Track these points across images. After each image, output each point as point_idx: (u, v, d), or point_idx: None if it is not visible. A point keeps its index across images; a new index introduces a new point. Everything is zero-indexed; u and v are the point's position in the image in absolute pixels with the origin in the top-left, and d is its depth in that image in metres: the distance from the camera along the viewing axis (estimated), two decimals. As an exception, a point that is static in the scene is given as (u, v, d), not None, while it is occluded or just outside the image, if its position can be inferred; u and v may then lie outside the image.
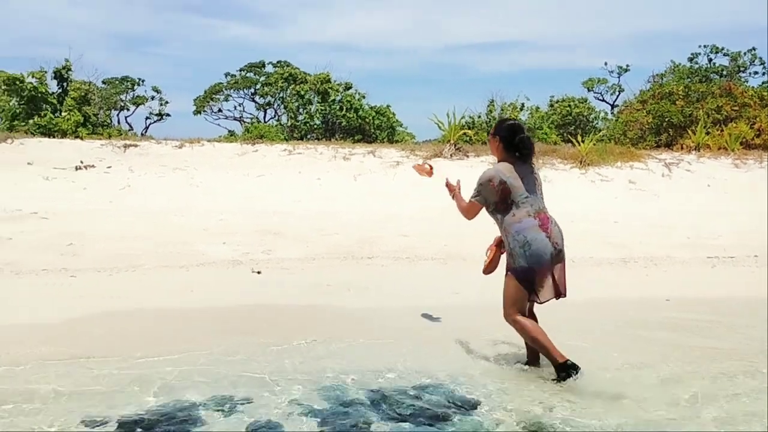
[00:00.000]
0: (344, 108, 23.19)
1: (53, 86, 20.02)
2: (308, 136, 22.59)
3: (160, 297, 6.23)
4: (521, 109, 23.58)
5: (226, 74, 31.87)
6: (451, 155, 15.99)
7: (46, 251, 7.77)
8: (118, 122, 28.62)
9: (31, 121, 18.28)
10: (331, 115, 23.23)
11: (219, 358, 4.62)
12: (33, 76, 19.40)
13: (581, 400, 3.92)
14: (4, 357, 4.53)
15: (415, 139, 24.65)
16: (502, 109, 22.84)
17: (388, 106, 24.70)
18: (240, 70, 31.93)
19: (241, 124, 29.71)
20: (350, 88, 24.18)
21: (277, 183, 13.66)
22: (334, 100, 23.47)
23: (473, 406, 3.87)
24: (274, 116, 29.91)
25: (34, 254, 7.60)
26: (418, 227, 10.00)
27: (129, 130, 27.46)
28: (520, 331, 4.29)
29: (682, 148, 17.83)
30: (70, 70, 20.18)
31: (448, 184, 4.63)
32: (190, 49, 60.40)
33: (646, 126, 20.81)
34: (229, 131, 26.61)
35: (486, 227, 4.70)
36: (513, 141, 4.30)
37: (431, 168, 5.11)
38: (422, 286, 6.95)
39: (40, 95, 19.10)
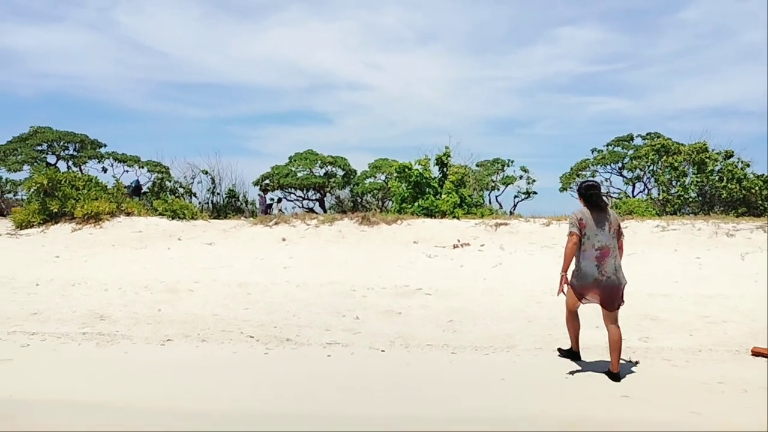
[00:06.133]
0: (725, 179, 21.10)
1: (435, 171, 22.23)
2: (682, 211, 20.99)
3: (533, 386, 6.23)
4: None
5: (593, 150, 31.80)
6: None
7: (429, 326, 8.45)
8: (489, 202, 30.40)
9: (416, 204, 20.49)
10: (710, 186, 21.32)
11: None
12: (419, 164, 21.83)
13: None
14: None
15: (818, 209, 21.16)
16: None
17: (779, 173, 21.78)
18: (607, 145, 31.58)
19: (608, 200, 29.05)
20: (731, 156, 21.99)
21: (650, 262, 12.85)
22: (712, 170, 21.56)
23: None
24: (644, 190, 28.63)
25: (420, 328, 8.32)
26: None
27: (499, 208, 28.93)
28: (566, 320, 6.70)
29: None
30: (449, 156, 22.22)
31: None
32: (558, 128, 61.85)
33: None
34: (596, 207, 26.11)
35: None
36: (585, 194, 6.28)
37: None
38: None
39: (424, 180, 21.38)
